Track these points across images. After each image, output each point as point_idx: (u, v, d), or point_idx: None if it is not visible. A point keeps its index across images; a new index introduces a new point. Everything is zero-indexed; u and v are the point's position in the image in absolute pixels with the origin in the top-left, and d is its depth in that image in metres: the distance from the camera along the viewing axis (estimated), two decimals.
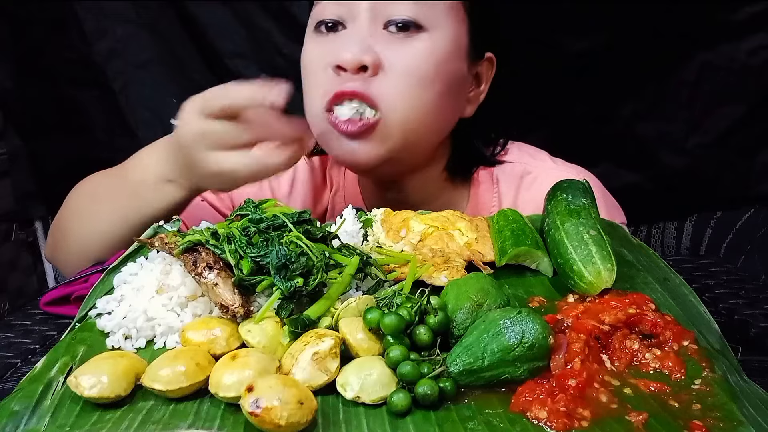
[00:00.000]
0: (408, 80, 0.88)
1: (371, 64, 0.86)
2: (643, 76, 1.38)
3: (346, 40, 0.89)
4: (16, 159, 1.51)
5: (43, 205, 1.56)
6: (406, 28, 0.88)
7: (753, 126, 1.37)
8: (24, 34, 1.44)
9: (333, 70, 0.88)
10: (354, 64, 0.86)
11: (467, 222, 0.82)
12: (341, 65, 0.87)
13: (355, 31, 0.89)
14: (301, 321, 0.59)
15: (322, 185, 1.13)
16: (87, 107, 1.49)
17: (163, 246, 0.68)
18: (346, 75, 0.87)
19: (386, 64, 0.87)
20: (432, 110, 0.91)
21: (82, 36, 1.43)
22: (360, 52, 0.86)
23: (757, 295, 1.01)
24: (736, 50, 1.32)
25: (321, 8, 0.92)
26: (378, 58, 0.87)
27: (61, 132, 1.50)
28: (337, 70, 0.88)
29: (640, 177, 1.41)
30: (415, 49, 0.88)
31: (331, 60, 0.88)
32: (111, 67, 1.45)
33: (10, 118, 1.49)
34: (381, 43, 0.88)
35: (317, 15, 0.92)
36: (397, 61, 0.87)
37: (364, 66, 0.86)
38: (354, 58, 0.85)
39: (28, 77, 1.46)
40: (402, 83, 0.88)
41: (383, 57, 0.87)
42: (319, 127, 0.91)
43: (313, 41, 0.93)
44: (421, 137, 0.93)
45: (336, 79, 0.88)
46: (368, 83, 0.87)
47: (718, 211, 1.48)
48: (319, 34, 0.92)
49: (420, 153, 0.97)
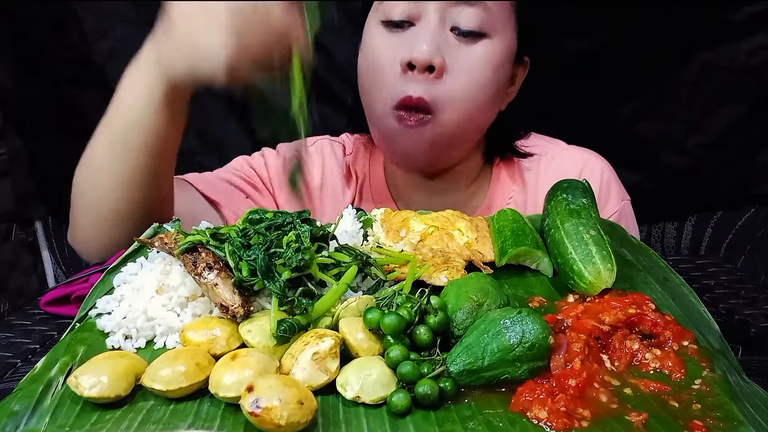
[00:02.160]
0: (468, 85, 0.93)
1: (439, 66, 0.91)
2: (643, 76, 1.38)
3: (417, 38, 0.92)
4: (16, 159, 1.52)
5: (43, 205, 1.57)
6: (470, 35, 0.93)
7: (753, 126, 1.38)
8: (24, 34, 1.44)
9: (401, 67, 0.92)
10: (424, 64, 0.90)
11: (467, 222, 0.82)
12: (412, 62, 0.90)
13: (425, 30, 0.92)
14: (289, 325, 0.58)
15: (348, 177, 1.16)
16: (87, 107, 1.49)
17: (163, 246, 0.68)
18: (413, 75, 0.91)
19: (450, 67, 0.92)
20: (483, 111, 0.99)
21: (82, 36, 1.43)
22: (431, 53, 0.90)
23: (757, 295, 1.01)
24: (736, 50, 1.32)
25: (390, 6, 0.94)
26: (444, 62, 0.91)
27: (62, 132, 1.50)
28: (406, 67, 0.91)
29: (640, 177, 1.41)
30: (477, 55, 0.93)
31: (403, 57, 0.91)
32: (111, 67, 1.44)
33: (10, 118, 1.49)
34: (447, 46, 0.92)
35: (386, 12, 0.95)
36: (460, 67, 0.93)
37: (431, 67, 0.90)
38: (425, 58, 0.90)
39: (28, 77, 1.46)
40: (463, 88, 0.93)
41: (448, 60, 0.92)
42: (383, 121, 0.96)
43: (380, 34, 0.96)
44: (468, 133, 1.00)
45: (402, 79, 0.92)
46: (432, 86, 0.92)
47: (718, 211, 1.48)
48: (387, 28, 0.95)
49: (463, 147, 1.04)
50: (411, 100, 0.91)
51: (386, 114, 0.95)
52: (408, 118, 0.92)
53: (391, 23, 0.94)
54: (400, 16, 0.93)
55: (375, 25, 0.97)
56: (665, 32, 1.33)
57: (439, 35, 0.92)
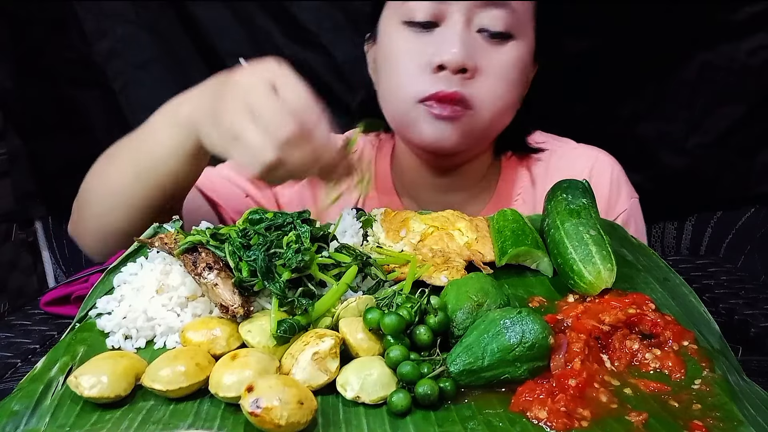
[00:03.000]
0: (499, 85, 0.94)
1: (472, 68, 0.91)
2: (643, 76, 1.38)
3: (447, 39, 0.91)
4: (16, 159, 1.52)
5: (43, 205, 1.56)
6: (499, 36, 0.93)
7: (753, 126, 1.37)
8: (24, 34, 1.44)
9: (432, 70, 0.91)
10: (457, 66, 0.90)
11: (467, 222, 0.82)
12: (444, 65, 0.90)
13: (454, 32, 0.91)
14: (289, 325, 0.58)
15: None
16: (87, 107, 1.49)
17: (163, 246, 0.68)
18: (444, 75, 0.91)
19: (480, 68, 0.92)
20: (510, 110, 1.00)
21: (82, 36, 1.43)
22: (463, 56, 0.90)
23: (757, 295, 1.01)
24: (736, 50, 1.32)
25: (413, 6, 0.94)
26: (476, 64, 0.92)
27: (61, 132, 1.50)
28: (437, 69, 0.91)
29: (640, 177, 1.41)
30: (506, 56, 0.94)
31: (434, 59, 0.91)
32: (111, 67, 1.45)
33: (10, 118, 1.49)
34: (476, 47, 0.92)
35: (408, 12, 0.94)
36: (491, 67, 0.93)
37: (463, 69, 0.90)
38: (458, 60, 0.90)
39: (28, 77, 1.46)
40: (494, 88, 0.94)
41: (478, 61, 0.92)
42: (407, 114, 0.95)
43: (404, 35, 0.95)
44: (495, 132, 1.02)
45: (433, 78, 0.92)
46: (466, 85, 0.92)
47: (718, 211, 1.48)
48: (411, 29, 0.94)
49: (486, 142, 1.06)
50: (445, 93, 0.91)
51: (413, 107, 0.94)
52: (442, 108, 0.92)
53: (414, 24, 0.94)
54: (424, 17, 0.93)
55: (396, 24, 0.96)
56: (665, 32, 1.33)
57: (467, 36, 0.91)
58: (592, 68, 1.36)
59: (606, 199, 1.06)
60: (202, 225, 0.74)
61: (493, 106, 0.95)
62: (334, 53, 1.40)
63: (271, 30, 1.42)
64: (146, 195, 0.85)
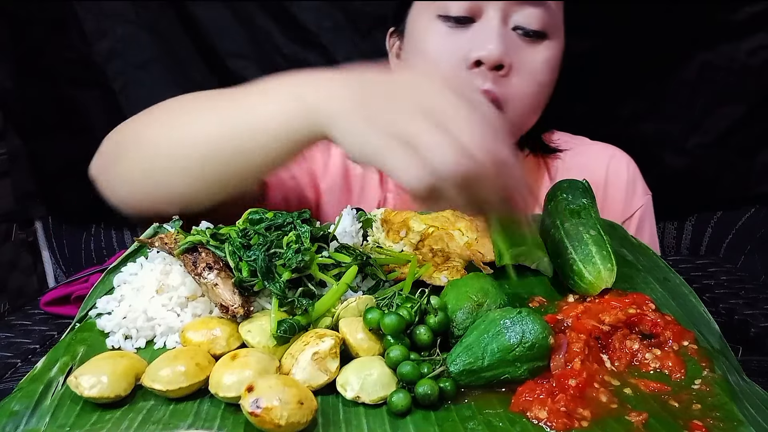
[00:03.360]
0: (533, 86, 0.94)
1: (509, 65, 0.90)
2: (643, 76, 1.38)
3: (484, 36, 0.90)
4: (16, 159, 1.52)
5: (43, 205, 1.56)
6: (535, 35, 0.92)
7: (753, 126, 1.38)
8: (24, 34, 1.44)
9: (467, 64, 0.90)
10: (494, 63, 0.89)
11: (467, 222, 0.82)
12: (481, 60, 0.89)
13: (491, 28, 0.90)
14: (289, 325, 0.58)
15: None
16: (87, 107, 1.49)
17: (163, 246, 0.68)
18: (481, 71, 0.90)
19: (516, 68, 0.91)
20: (539, 110, 0.99)
21: (82, 36, 1.43)
22: (501, 53, 0.88)
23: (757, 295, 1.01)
24: (736, 50, 1.32)
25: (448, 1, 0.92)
26: (512, 61, 0.91)
27: (61, 132, 1.50)
28: (475, 64, 0.90)
29: None
30: (541, 55, 0.93)
31: (471, 55, 0.89)
32: (111, 67, 1.45)
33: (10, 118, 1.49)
34: (512, 45, 0.91)
35: (443, 6, 0.92)
36: (526, 65, 0.92)
37: (500, 65, 0.89)
38: (495, 56, 0.88)
39: (28, 77, 1.46)
40: (528, 88, 0.93)
41: (514, 59, 0.91)
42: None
43: (439, 30, 0.93)
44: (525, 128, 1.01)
45: (469, 74, 0.90)
46: (500, 83, 0.91)
47: (718, 211, 1.48)
48: (445, 24, 0.93)
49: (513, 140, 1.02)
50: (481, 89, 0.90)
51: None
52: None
53: (449, 18, 0.92)
54: (460, 12, 0.91)
55: (430, 18, 0.94)
56: (665, 32, 1.33)
57: (504, 33, 0.90)
58: (592, 68, 1.36)
59: (623, 196, 1.06)
60: (202, 225, 0.74)
61: (526, 106, 0.95)
62: (334, 53, 1.40)
63: (271, 30, 1.42)
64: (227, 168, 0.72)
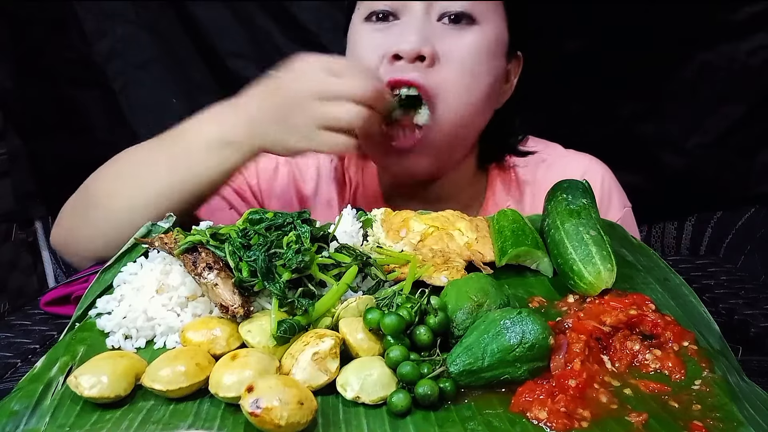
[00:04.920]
0: (463, 71, 0.90)
1: (429, 54, 0.88)
2: (643, 76, 1.38)
3: (403, 30, 0.90)
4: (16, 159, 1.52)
5: (43, 205, 1.56)
6: (459, 20, 0.90)
7: (753, 126, 1.38)
8: (24, 34, 1.44)
9: (388, 61, 0.90)
10: (412, 54, 0.88)
11: (467, 222, 0.82)
12: (399, 54, 0.88)
13: (411, 22, 0.90)
14: (289, 325, 0.58)
15: (343, 183, 1.14)
16: (87, 107, 1.49)
17: (163, 246, 0.68)
18: (402, 64, 0.89)
19: (441, 55, 0.89)
20: (480, 101, 0.94)
21: (82, 36, 1.43)
22: (418, 42, 0.87)
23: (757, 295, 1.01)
24: (736, 50, 1.32)
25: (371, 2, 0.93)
26: (435, 49, 0.89)
27: (61, 132, 1.50)
28: (393, 60, 0.89)
29: (640, 177, 1.41)
30: (468, 40, 0.91)
31: (388, 50, 0.89)
32: (111, 67, 1.45)
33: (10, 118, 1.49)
34: (436, 35, 0.90)
35: (369, 7, 0.93)
36: (452, 53, 0.90)
37: (422, 56, 0.88)
38: (413, 47, 0.87)
39: (28, 77, 1.46)
40: (457, 74, 0.90)
41: (438, 48, 0.89)
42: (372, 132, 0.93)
43: (364, 32, 0.94)
44: (468, 128, 0.96)
45: (391, 69, 0.90)
46: (425, 73, 0.89)
47: (718, 211, 1.48)
48: (371, 25, 0.93)
49: (462, 147, 1.00)
50: (401, 79, 0.88)
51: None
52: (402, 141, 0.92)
53: (374, 17, 0.92)
54: (383, 7, 0.92)
55: (359, 23, 0.95)
56: (665, 32, 1.33)
57: (425, 25, 0.90)
58: (591, 68, 1.36)
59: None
60: (202, 225, 0.74)
61: (458, 96, 0.91)
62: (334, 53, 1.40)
63: (271, 30, 1.42)
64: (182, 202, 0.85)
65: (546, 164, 1.08)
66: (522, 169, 1.09)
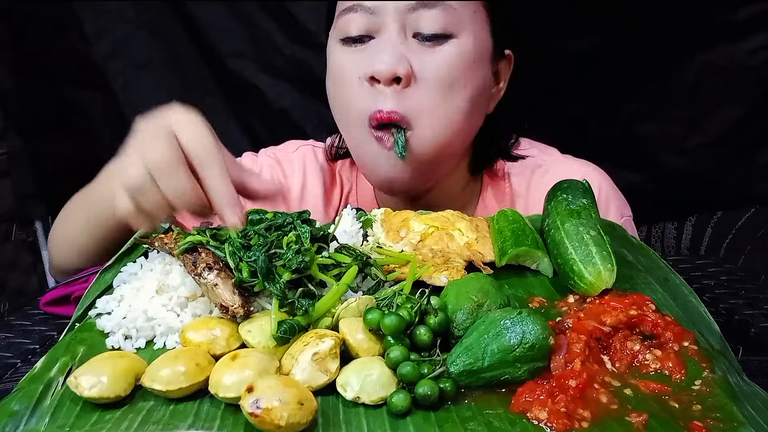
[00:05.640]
0: (440, 88, 0.88)
1: (404, 75, 0.86)
2: (643, 76, 1.38)
3: (378, 50, 0.88)
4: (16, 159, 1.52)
5: (43, 205, 1.57)
6: (434, 38, 0.88)
7: (753, 126, 1.38)
8: (24, 34, 1.44)
9: (367, 81, 0.88)
10: (388, 76, 0.86)
11: (467, 222, 0.82)
12: (375, 76, 0.86)
13: (386, 41, 0.88)
14: (290, 326, 0.58)
15: (332, 186, 1.12)
16: (87, 107, 1.49)
17: (163, 246, 0.68)
18: (380, 87, 0.87)
19: (418, 73, 0.87)
20: (463, 116, 0.91)
21: (82, 36, 1.43)
22: (394, 64, 0.85)
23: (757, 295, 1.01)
24: (736, 50, 1.32)
25: (346, 22, 0.90)
26: (410, 70, 0.87)
27: (61, 132, 1.50)
28: (371, 81, 0.87)
29: (640, 177, 1.41)
30: (445, 55, 0.88)
31: (365, 71, 0.87)
32: (111, 67, 1.45)
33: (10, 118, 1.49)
34: (411, 53, 0.88)
35: (343, 29, 0.91)
36: (428, 70, 0.87)
37: (398, 78, 0.86)
38: (388, 69, 0.85)
39: (28, 77, 1.46)
40: (434, 92, 0.88)
41: (415, 67, 0.87)
42: (358, 138, 0.92)
43: (341, 52, 0.92)
44: (453, 143, 0.93)
45: (371, 92, 0.88)
46: (402, 96, 0.87)
47: (718, 211, 1.48)
48: (347, 45, 0.91)
49: (450, 160, 0.97)
50: (383, 115, 0.87)
51: (364, 139, 0.90)
52: (387, 139, 0.88)
53: (350, 39, 0.90)
54: (358, 31, 0.89)
55: (335, 44, 0.93)
56: (665, 32, 1.33)
57: (400, 44, 0.87)
58: (592, 68, 1.36)
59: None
60: None
61: (439, 113, 0.88)
62: None
63: (271, 30, 1.42)
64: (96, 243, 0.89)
65: (541, 170, 1.05)
66: (516, 178, 1.06)
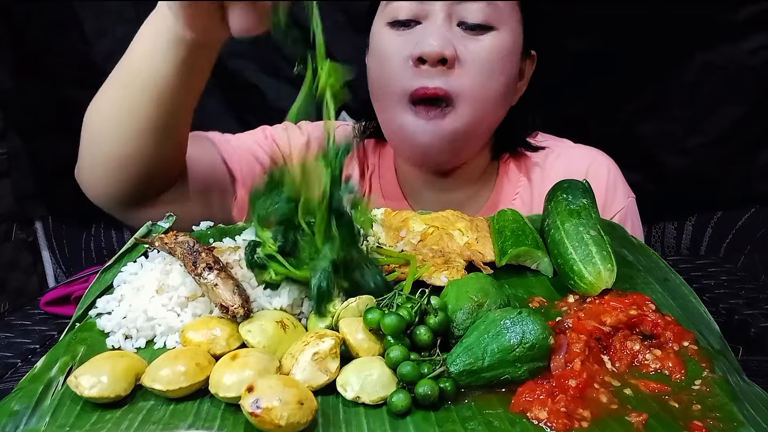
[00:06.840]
0: (481, 73, 0.95)
1: (450, 57, 0.92)
2: (643, 76, 1.38)
3: (426, 34, 0.93)
4: (16, 159, 1.52)
5: (43, 205, 1.57)
6: (477, 28, 0.94)
7: (753, 126, 1.38)
8: (24, 34, 1.44)
9: (413, 63, 0.93)
10: (436, 57, 0.91)
11: (467, 222, 0.82)
12: (423, 56, 0.92)
13: (433, 26, 0.94)
14: None
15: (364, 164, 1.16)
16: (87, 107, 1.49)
17: (163, 246, 0.68)
18: (425, 68, 0.93)
19: (461, 57, 0.94)
20: (496, 101, 0.99)
21: (82, 36, 1.43)
22: (441, 46, 0.91)
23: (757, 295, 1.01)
24: (736, 50, 1.33)
25: (396, 7, 0.96)
26: (455, 53, 0.93)
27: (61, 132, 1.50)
28: (417, 62, 0.93)
29: (641, 177, 1.41)
30: (486, 44, 0.95)
31: (413, 52, 0.93)
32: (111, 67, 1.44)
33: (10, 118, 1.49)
34: (456, 39, 0.94)
35: (392, 13, 0.97)
36: (470, 56, 0.94)
37: (443, 59, 0.92)
38: (436, 51, 0.91)
39: (28, 77, 1.46)
40: (475, 76, 0.94)
41: (459, 51, 0.93)
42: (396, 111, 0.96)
43: (388, 35, 0.98)
44: (485, 123, 1.01)
45: (416, 72, 0.93)
46: (447, 77, 0.93)
47: (718, 211, 1.48)
48: (395, 29, 0.97)
49: (480, 139, 1.05)
50: (428, 90, 0.92)
51: (403, 111, 0.96)
52: (427, 111, 0.94)
53: (398, 23, 0.96)
54: (407, 15, 0.95)
55: (382, 26, 0.99)
56: (665, 32, 1.33)
57: (446, 30, 0.94)
58: (592, 68, 1.36)
59: (603, 199, 1.06)
60: (202, 225, 0.74)
61: (478, 97, 0.95)
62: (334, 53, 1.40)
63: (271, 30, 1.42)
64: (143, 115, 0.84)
65: (555, 154, 1.12)
66: (532, 159, 1.13)
